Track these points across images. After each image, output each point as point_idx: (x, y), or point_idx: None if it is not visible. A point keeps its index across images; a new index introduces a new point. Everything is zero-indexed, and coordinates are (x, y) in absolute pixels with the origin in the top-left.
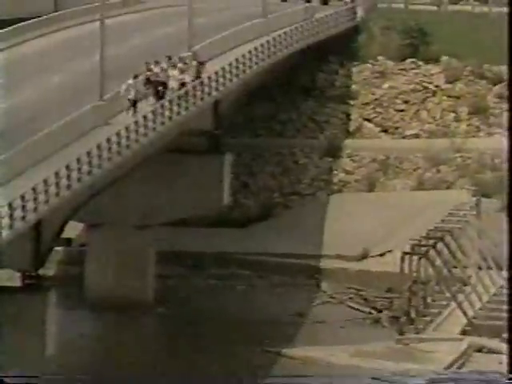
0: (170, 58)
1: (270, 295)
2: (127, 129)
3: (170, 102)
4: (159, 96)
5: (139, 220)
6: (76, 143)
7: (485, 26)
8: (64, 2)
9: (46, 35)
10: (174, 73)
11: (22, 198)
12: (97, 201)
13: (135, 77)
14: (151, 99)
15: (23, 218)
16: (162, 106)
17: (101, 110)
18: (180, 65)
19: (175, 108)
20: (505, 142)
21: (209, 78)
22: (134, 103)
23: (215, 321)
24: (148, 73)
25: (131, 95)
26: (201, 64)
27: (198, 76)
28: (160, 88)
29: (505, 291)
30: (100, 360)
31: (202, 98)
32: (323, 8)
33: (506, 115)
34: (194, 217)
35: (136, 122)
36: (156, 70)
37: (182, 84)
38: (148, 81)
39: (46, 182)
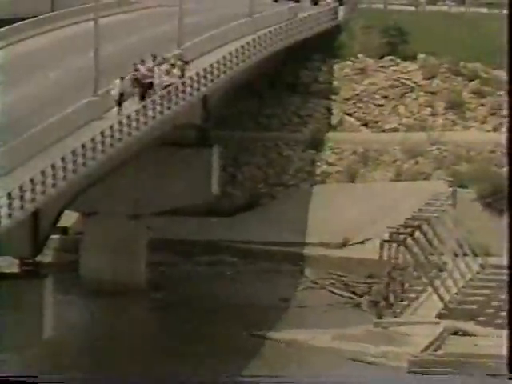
0: (155, 57)
1: (257, 281)
2: (120, 123)
3: (161, 97)
4: (145, 95)
5: (132, 209)
6: (72, 136)
7: (461, 25)
8: (60, 3)
9: (43, 34)
10: (160, 72)
11: (21, 188)
12: (92, 191)
13: (122, 78)
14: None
15: (22, 207)
16: (154, 102)
17: (95, 105)
18: (165, 64)
19: (166, 103)
20: (498, 137)
21: (197, 74)
22: (120, 102)
23: (204, 305)
24: (135, 73)
25: (117, 95)
26: (185, 63)
27: (182, 74)
28: (146, 87)
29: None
30: (96, 341)
31: (191, 94)
32: (313, 8)
33: (479, 111)
34: (185, 206)
35: (128, 117)
36: (142, 69)
37: (168, 83)
38: (135, 80)
39: (43, 173)
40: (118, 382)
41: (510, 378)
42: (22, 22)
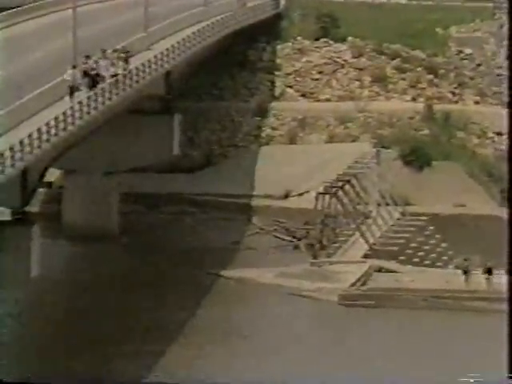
0: (104, 51)
1: (212, 227)
2: (96, 94)
3: (130, 72)
4: (93, 84)
5: (106, 167)
6: (54, 106)
7: (383, 14)
8: None
9: (27, 21)
10: (105, 64)
11: (11, 149)
12: (72, 152)
13: (73, 67)
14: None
15: (12, 165)
16: (125, 76)
17: None
18: (111, 57)
19: (134, 77)
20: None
21: (161, 53)
22: (72, 90)
23: (168, 248)
24: (84, 65)
25: (69, 83)
26: (128, 55)
27: (126, 64)
28: (93, 77)
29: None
30: (75, 277)
31: (156, 70)
32: None
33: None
34: (150, 165)
35: (102, 88)
36: (90, 62)
37: (114, 75)
38: (84, 72)
39: (30, 136)
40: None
41: (510, 378)
42: (12, 10)
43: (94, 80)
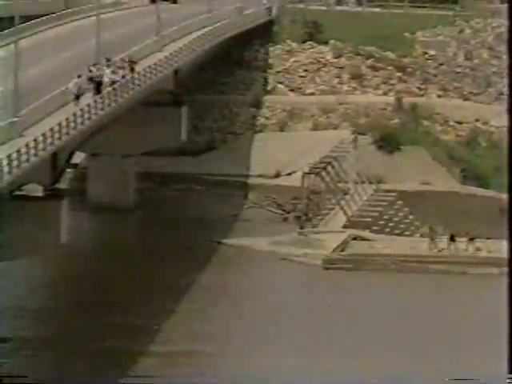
0: (108, 60)
1: (214, 202)
2: (114, 89)
3: (144, 70)
4: (98, 90)
5: (124, 151)
6: (82, 97)
7: (360, 20)
8: (72, 3)
9: (58, 26)
10: (108, 71)
11: (43, 135)
12: (95, 138)
13: (79, 76)
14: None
15: (44, 149)
16: (138, 73)
17: None
18: (116, 65)
19: (148, 75)
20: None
21: (171, 54)
22: (77, 97)
23: (176, 220)
24: (89, 73)
25: (75, 91)
26: (133, 63)
27: (132, 72)
28: (98, 83)
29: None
30: (98, 243)
31: (166, 68)
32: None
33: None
34: (162, 149)
35: (121, 85)
36: (94, 70)
37: (113, 81)
38: (90, 79)
39: (59, 124)
40: None
41: (510, 378)
42: (45, 17)
43: (98, 86)
